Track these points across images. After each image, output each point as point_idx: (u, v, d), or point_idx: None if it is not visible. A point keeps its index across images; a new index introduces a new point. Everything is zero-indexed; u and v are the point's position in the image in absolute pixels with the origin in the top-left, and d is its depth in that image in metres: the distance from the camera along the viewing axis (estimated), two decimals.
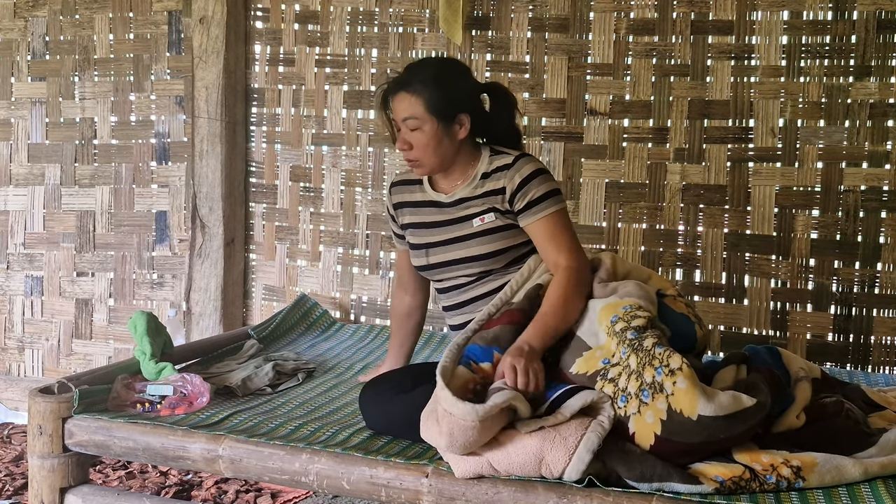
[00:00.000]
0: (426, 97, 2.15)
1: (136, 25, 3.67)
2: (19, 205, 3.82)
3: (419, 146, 2.19)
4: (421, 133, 2.17)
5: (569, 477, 1.76)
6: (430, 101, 2.15)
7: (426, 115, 2.16)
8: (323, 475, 1.95)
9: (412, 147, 2.19)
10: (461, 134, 2.21)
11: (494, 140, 2.30)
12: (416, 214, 2.36)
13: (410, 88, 2.17)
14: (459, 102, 2.20)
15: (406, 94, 2.17)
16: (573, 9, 3.24)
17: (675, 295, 2.17)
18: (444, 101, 2.16)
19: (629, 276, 2.20)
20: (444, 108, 2.17)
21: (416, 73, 2.20)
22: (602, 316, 1.98)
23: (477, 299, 2.25)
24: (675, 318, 2.08)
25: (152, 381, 2.36)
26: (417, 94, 2.16)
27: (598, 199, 3.24)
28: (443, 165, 2.24)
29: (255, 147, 3.66)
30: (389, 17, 3.45)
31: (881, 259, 2.98)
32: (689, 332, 2.08)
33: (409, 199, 2.38)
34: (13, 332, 3.85)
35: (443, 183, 2.31)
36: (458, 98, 2.20)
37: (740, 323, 3.13)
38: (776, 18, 3.05)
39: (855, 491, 1.77)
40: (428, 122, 2.16)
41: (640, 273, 2.24)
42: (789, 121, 3.05)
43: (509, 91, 2.33)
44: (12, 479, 3.10)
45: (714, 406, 1.75)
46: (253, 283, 3.70)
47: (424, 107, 2.16)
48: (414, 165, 2.25)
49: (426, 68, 2.24)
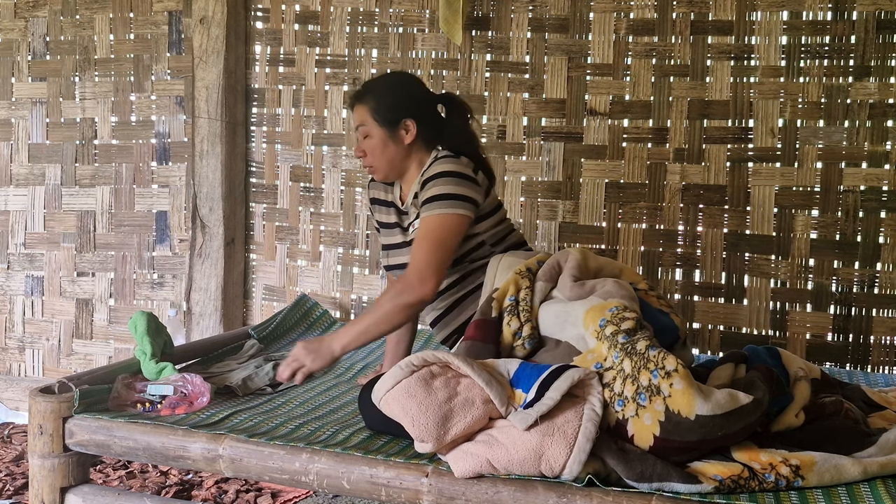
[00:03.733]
0: (372, 106, 2.33)
1: (137, 25, 3.67)
2: (20, 205, 3.82)
3: (370, 152, 2.35)
4: (370, 139, 2.34)
5: (570, 470, 1.75)
6: (375, 109, 2.33)
7: (372, 122, 2.33)
8: (323, 475, 1.95)
9: (366, 154, 2.36)
10: (408, 139, 2.34)
11: (453, 147, 2.38)
12: (381, 213, 2.50)
13: (362, 100, 2.35)
14: (403, 109, 2.33)
15: (358, 105, 2.36)
16: (573, 9, 3.24)
17: (647, 289, 2.19)
18: (387, 108, 2.32)
19: (601, 272, 2.21)
20: (387, 115, 2.32)
21: (368, 86, 2.40)
22: (588, 319, 1.96)
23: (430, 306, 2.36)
24: (653, 313, 2.08)
25: (153, 380, 2.36)
26: (366, 104, 2.34)
27: (597, 199, 3.24)
28: (394, 169, 2.38)
29: (256, 147, 3.67)
30: (389, 17, 3.45)
31: (881, 259, 2.98)
32: (669, 325, 2.09)
33: (380, 198, 2.51)
34: (14, 332, 3.85)
35: (404, 186, 2.44)
36: (402, 105, 2.34)
37: (740, 323, 3.13)
38: (776, 18, 3.05)
39: (854, 490, 1.77)
40: (375, 129, 2.33)
41: (612, 267, 2.24)
42: (789, 121, 3.05)
43: (463, 100, 2.46)
44: (13, 479, 3.10)
45: (711, 405, 1.76)
46: (253, 283, 3.71)
47: (371, 115, 2.33)
48: (370, 171, 2.40)
49: (376, 81, 2.46)
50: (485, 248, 2.33)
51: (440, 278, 2.21)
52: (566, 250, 2.24)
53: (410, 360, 1.91)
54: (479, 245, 2.32)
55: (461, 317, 2.32)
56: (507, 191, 3.33)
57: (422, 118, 2.34)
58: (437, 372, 1.91)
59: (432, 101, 2.42)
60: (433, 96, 2.43)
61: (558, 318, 2.06)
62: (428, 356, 1.92)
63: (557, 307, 2.08)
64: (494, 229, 2.35)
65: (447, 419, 1.83)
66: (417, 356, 1.92)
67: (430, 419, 1.83)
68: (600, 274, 2.20)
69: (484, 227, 2.32)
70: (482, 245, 2.33)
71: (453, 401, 1.85)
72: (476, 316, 2.13)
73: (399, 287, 2.20)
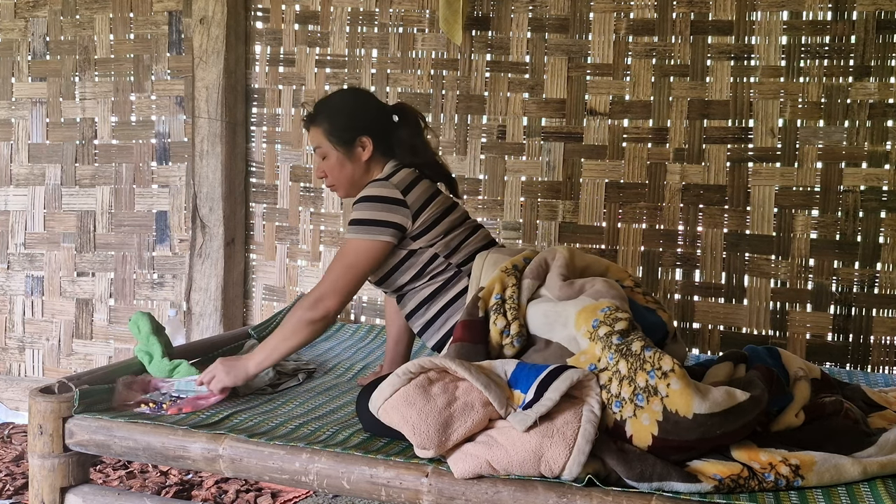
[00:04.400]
0: (325, 127, 2.36)
1: (137, 26, 3.67)
2: (20, 205, 3.83)
3: (329, 172, 2.38)
4: (328, 160, 2.38)
5: (570, 471, 1.76)
6: (329, 130, 2.36)
7: (328, 144, 2.36)
8: (323, 474, 1.95)
9: (326, 174, 2.39)
10: (364, 156, 2.36)
11: (402, 157, 2.40)
12: None
13: (315, 122, 2.38)
14: (356, 127, 2.36)
15: (313, 127, 2.39)
16: (573, 9, 3.24)
17: (633, 286, 2.19)
18: (341, 128, 2.35)
19: (588, 270, 2.20)
20: (341, 135, 2.35)
21: (319, 108, 2.41)
22: (580, 320, 1.96)
23: (409, 315, 2.38)
24: (640, 311, 2.09)
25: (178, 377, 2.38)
26: (319, 126, 2.37)
27: (597, 199, 3.24)
28: (355, 186, 2.39)
29: (256, 147, 3.67)
30: (389, 17, 3.45)
31: (880, 259, 2.98)
32: (657, 322, 2.09)
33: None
34: (14, 332, 3.85)
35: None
36: (355, 123, 2.36)
37: (740, 323, 3.13)
38: (776, 18, 3.05)
39: (854, 490, 1.77)
40: (331, 150, 2.36)
41: (599, 265, 2.25)
42: (789, 121, 3.06)
43: (414, 109, 2.47)
44: (13, 479, 3.10)
45: (709, 403, 1.76)
46: (253, 283, 3.71)
47: (325, 136, 2.36)
48: (332, 190, 2.44)
49: (326, 101, 2.44)
50: (439, 260, 2.31)
51: (344, 298, 2.27)
52: (553, 248, 2.24)
53: (407, 368, 1.91)
54: (433, 258, 2.30)
55: (449, 322, 2.29)
56: (507, 191, 3.33)
57: (375, 133, 2.37)
58: (434, 378, 1.90)
59: (385, 114, 2.43)
60: (385, 108, 2.45)
61: (548, 318, 2.05)
62: (424, 362, 1.91)
63: (547, 307, 2.07)
64: (443, 240, 2.31)
65: (448, 425, 1.83)
66: (414, 363, 1.91)
67: (430, 426, 1.82)
68: (587, 272, 2.19)
69: (424, 242, 2.29)
70: (436, 257, 2.31)
71: (453, 406, 1.85)
72: (462, 317, 2.12)
73: (305, 304, 2.26)
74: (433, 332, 2.34)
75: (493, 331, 2.08)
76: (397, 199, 2.28)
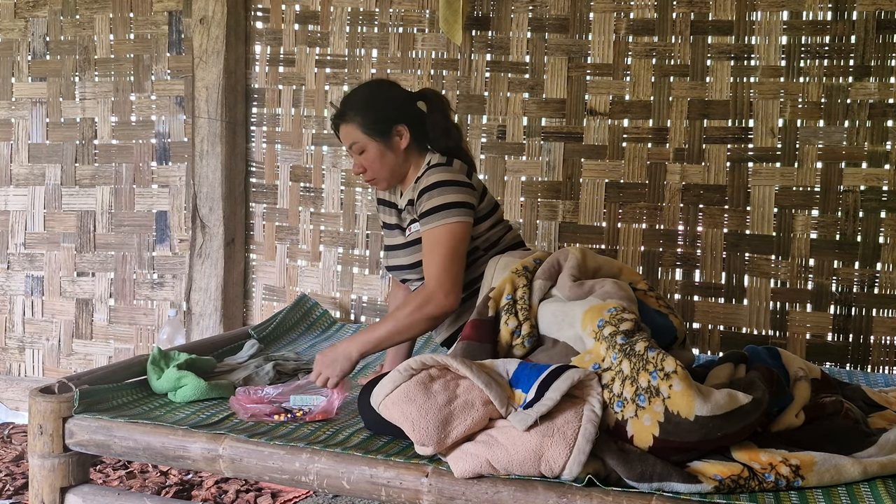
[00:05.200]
0: (359, 122, 2.33)
1: (137, 26, 3.67)
2: (20, 205, 3.82)
3: (369, 166, 2.36)
4: (367, 154, 2.35)
5: (570, 471, 1.76)
6: (363, 124, 2.32)
7: (365, 138, 2.33)
8: (323, 475, 1.95)
9: (365, 169, 2.36)
10: (403, 144, 2.35)
11: (436, 142, 2.39)
12: (385, 214, 2.51)
13: (346, 118, 2.35)
14: (391, 117, 2.34)
15: (344, 124, 2.36)
16: (573, 9, 3.24)
17: (646, 289, 2.19)
18: (375, 119, 2.33)
19: (600, 271, 2.21)
20: (378, 126, 2.33)
21: (348, 103, 2.38)
22: (586, 320, 1.97)
23: None
24: (651, 313, 2.09)
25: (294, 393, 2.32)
26: (352, 122, 2.34)
27: (597, 199, 3.24)
28: (396, 176, 2.39)
29: (256, 147, 3.67)
30: (389, 17, 3.45)
31: (881, 259, 2.98)
32: (667, 325, 2.09)
33: (384, 198, 2.52)
34: (14, 332, 3.85)
35: (401, 186, 2.45)
36: (389, 113, 2.35)
37: (740, 323, 3.13)
38: (776, 18, 3.05)
39: (854, 490, 1.77)
40: (369, 143, 2.33)
41: (612, 267, 2.25)
42: (789, 121, 3.05)
43: (440, 94, 2.47)
44: (13, 479, 3.10)
45: (710, 406, 1.76)
46: (253, 283, 3.71)
47: (361, 130, 2.33)
48: (373, 184, 2.43)
49: (354, 96, 2.41)
50: (477, 253, 2.33)
51: (460, 288, 2.23)
52: (566, 249, 2.25)
53: (409, 364, 1.91)
54: (472, 251, 2.32)
55: (460, 319, 2.31)
56: (507, 191, 3.33)
57: (409, 120, 2.36)
58: (435, 375, 1.91)
59: (413, 101, 2.42)
60: (412, 95, 2.44)
61: (556, 317, 2.06)
62: (426, 359, 1.92)
63: (556, 306, 2.08)
64: (488, 233, 2.35)
65: (447, 422, 1.83)
66: (416, 360, 1.92)
67: (430, 423, 1.82)
68: (599, 273, 2.20)
69: (480, 231, 2.32)
70: (475, 250, 2.33)
71: (453, 403, 1.85)
72: (473, 316, 2.13)
73: (422, 298, 2.20)
74: (443, 326, 2.35)
75: (503, 331, 2.09)
76: (467, 182, 2.30)
